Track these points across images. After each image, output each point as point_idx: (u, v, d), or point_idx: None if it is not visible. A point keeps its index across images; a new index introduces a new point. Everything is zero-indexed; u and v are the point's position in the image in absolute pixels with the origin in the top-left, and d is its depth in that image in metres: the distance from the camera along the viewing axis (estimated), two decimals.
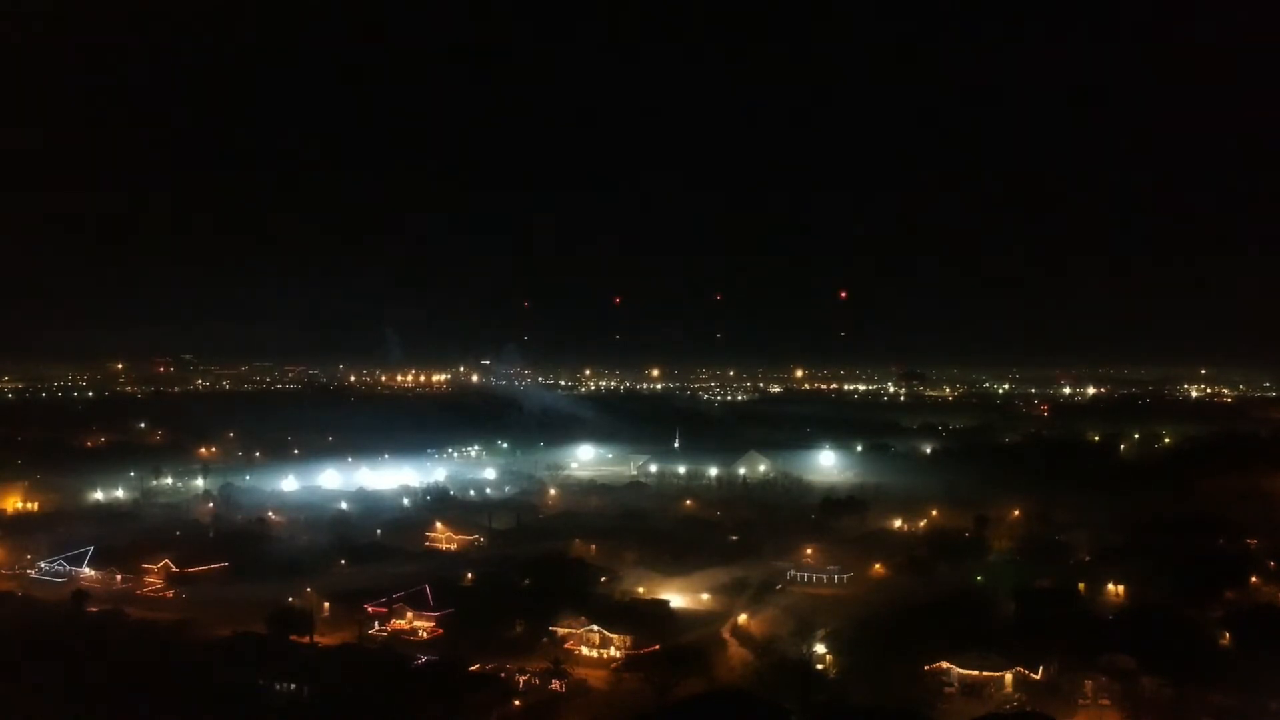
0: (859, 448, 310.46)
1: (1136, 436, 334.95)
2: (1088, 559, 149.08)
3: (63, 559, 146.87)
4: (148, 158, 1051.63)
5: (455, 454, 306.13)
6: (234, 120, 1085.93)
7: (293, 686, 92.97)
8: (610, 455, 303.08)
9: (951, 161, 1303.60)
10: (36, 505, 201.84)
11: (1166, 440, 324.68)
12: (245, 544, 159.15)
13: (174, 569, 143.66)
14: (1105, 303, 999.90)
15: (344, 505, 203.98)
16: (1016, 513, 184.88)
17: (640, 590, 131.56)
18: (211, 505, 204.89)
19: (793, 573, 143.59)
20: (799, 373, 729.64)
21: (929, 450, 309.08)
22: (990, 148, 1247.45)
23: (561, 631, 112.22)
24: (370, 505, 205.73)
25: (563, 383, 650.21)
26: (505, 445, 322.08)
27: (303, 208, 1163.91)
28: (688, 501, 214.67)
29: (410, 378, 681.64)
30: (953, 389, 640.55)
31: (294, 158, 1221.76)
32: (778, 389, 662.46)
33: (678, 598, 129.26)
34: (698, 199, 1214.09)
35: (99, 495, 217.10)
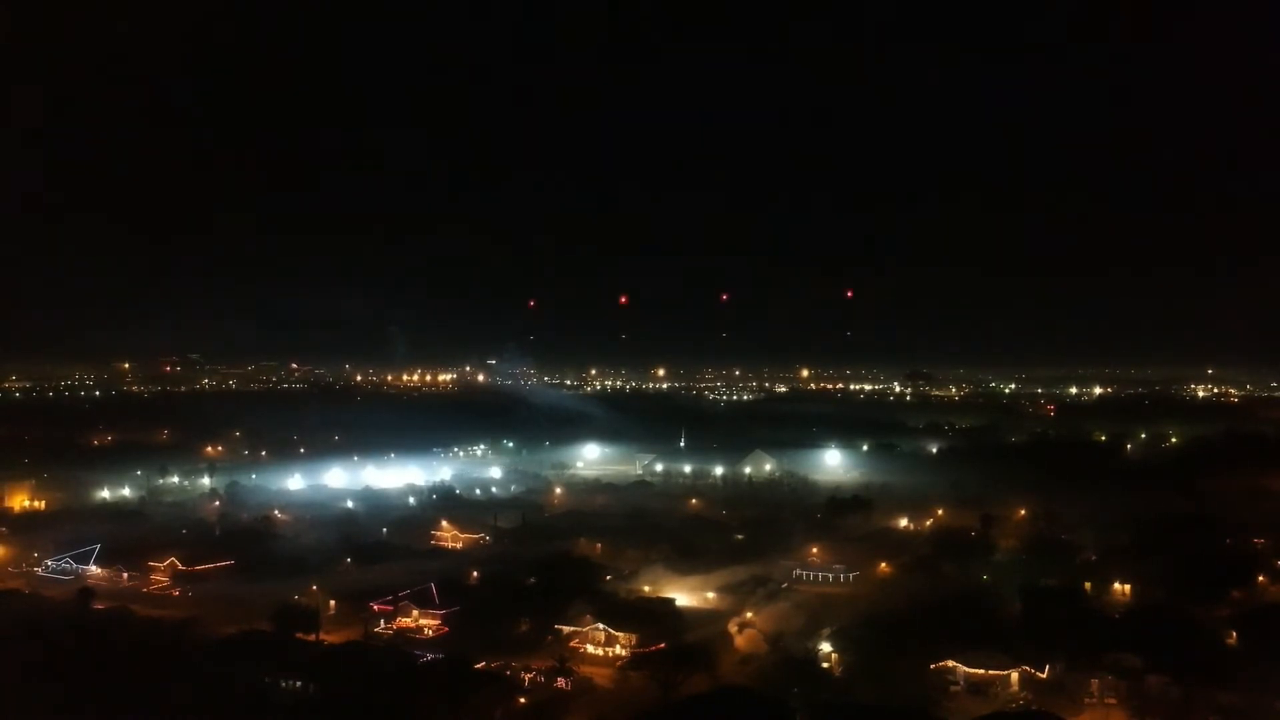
0: (865, 447, 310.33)
1: (1143, 436, 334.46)
2: (1094, 558, 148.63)
3: (69, 557, 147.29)
4: (154, 156, 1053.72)
5: (461, 453, 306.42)
6: (240, 119, 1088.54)
7: (298, 684, 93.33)
8: (616, 454, 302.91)
9: (957, 161, 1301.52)
10: (43, 503, 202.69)
11: (1173, 440, 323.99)
12: (251, 542, 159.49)
13: (180, 567, 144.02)
14: (1111, 302, 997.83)
15: (350, 504, 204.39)
16: (1022, 512, 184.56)
17: (646, 589, 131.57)
18: (218, 504, 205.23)
19: (798, 571, 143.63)
20: (805, 372, 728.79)
21: (935, 450, 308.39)
22: (994, 147, 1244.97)
23: (567, 630, 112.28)
24: (376, 504, 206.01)
25: (568, 382, 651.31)
26: (511, 444, 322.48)
27: (308, 207, 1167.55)
28: (693, 500, 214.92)
29: (416, 377, 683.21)
30: (958, 389, 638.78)
31: (300, 157, 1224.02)
32: (783, 389, 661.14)
33: (683, 596, 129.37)
34: (703, 198, 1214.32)
35: (105, 494, 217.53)
